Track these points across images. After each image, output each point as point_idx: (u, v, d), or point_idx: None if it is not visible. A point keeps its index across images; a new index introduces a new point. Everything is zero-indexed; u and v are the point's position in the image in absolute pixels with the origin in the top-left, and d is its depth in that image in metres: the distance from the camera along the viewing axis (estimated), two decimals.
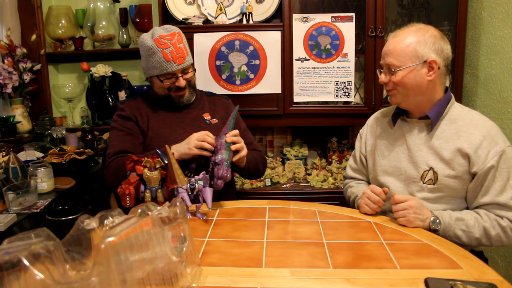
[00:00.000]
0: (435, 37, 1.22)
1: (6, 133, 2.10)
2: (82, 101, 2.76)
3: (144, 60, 1.56)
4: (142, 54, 1.56)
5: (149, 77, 1.61)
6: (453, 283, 0.82)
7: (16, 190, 1.45)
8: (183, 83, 1.54)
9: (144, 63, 1.58)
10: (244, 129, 1.69)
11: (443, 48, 1.23)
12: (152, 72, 1.54)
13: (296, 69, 2.07)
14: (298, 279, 0.88)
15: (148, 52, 1.51)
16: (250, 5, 2.06)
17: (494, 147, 1.18)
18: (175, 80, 1.54)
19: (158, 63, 1.50)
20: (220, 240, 1.07)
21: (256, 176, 1.67)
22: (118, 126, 1.57)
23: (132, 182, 1.20)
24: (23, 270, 0.59)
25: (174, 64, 1.49)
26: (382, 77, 1.30)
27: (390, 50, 1.25)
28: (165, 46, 1.48)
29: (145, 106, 1.62)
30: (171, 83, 1.54)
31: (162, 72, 1.51)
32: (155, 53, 1.49)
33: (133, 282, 0.66)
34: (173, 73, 1.52)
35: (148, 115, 1.59)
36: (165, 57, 1.48)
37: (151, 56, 1.51)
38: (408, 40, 1.22)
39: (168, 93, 1.57)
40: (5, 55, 2.23)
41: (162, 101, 1.61)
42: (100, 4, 2.55)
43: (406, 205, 1.16)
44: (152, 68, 1.53)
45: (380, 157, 1.39)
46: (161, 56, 1.48)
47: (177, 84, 1.54)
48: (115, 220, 0.82)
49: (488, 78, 1.92)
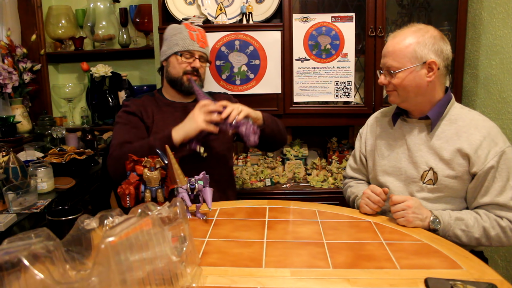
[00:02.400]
0: (434, 37, 1.22)
1: (6, 133, 2.10)
2: (82, 101, 2.77)
3: (167, 42, 1.63)
4: (167, 36, 1.64)
5: (165, 60, 1.65)
6: (453, 283, 0.82)
7: (16, 190, 1.45)
8: (198, 64, 1.61)
9: (165, 46, 1.64)
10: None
11: (443, 49, 1.22)
12: (173, 49, 1.60)
13: (296, 69, 2.07)
14: (298, 279, 0.88)
15: (175, 32, 1.61)
16: (250, 5, 2.06)
17: (494, 148, 1.18)
18: (192, 60, 1.60)
19: (182, 40, 1.59)
20: (220, 240, 1.07)
21: (279, 136, 1.62)
22: (123, 121, 1.58)
23: (132, 182, 1.20)
24: (23, 270, 0.59)
25: (197, 45, 1.60)
26: (381, 79, 1.30)
27: (390, 51, 1.25)
28: (193, 29, 1.63)
29: (150, 103, 1.64)
30: (188, 63, 1.60)
31: (184, 48, 1.59)
32: (181, 32, 1.60)
33: (133, 282, 0.66)
34: (192, 53, 1.60)
35: (153, 111, 1.61)
36: (190, 36, 1.60)
37: (176, 34, 1.60)
38: (407, 41, 1.22)
39: (181, 75, 1.61)
40: (5, 55, 2.23)
41: (172, 84, 1.63)
42: (100, 4, 2.55)
43: (404, 205, 1.16)
44: (174, 45, 1.60)
45: (380, 157, 1.39)
46: (187, 35, 1.60)
47: (193, 64, 1.60)
48: (115, 220, 0.82)
49: (488, 78, 1.92)
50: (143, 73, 2.74)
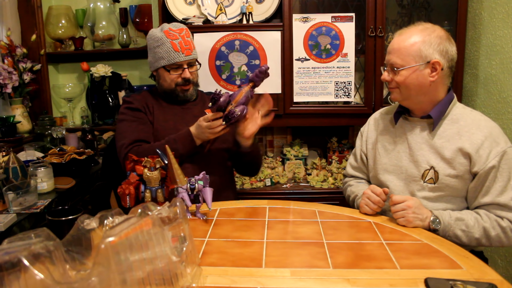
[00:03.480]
0: (441, 38, 1.21)
1: (6, 133, 2.10)
2: (82, 101, 2.76)
3: (152, 53, 1.59)
4: (150, 46, 1.60)
5: (155, 71, 1.62)
6: (453, 283, 0.82)
7: (16, 190, 1.45)
8: (188, 75, 1.58)
9: (151, 56, 1.61)
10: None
11: (448, 50, 1.22)
12: (160, 63, 1.56)
13: (296, 69, 2.07)
14: (298, 279, 0.88)
15: (157, 43, 1.55)
16: (250, 5, 2.06)
17: (495, 148, 1.18)
18: (182, 71, 1.57)
19: (166, 53, 1.54)
20: (220, 240, 1.07)
21: (255, 166, 1.67)
22: (128, 118, 1.57)
23: (132, 182, 1.20)
24: (23, 270, 0.59)
25: (182, 55, 1.54)
26: (384, 75, 1.29)
27: (395, 48, 1.25)
28: (174, 37, 1.54)
29: (150, 99, 1.64)
30: (178, 75, 1.57)
31: (170, 61, 1.54)
32: (163, 43, 1.54)
33: (133, 282, 0.66)
34: (180, 64, 1.56)
35: (153, 107, 1.62)
36: (173, 47, 1.53)
37: (159, 46, 1.55)
38: (413, 39, 1.22)
39: (173, 87, 1.59)
40: (5, 55, 2.23)
41: (167, 95, 1.63)
42: (100, 4, 2.55)
43: (404, 205, 1.16)
44: (160, 59, 1.56)
45: (381, 155, 1.39)
46: (170, 46, 1.53)
47: (183, 75, 1.57)
48: (115, 220, 0.82)
49: (488, 78, 1.92)
50: (143, 73, 2.74)
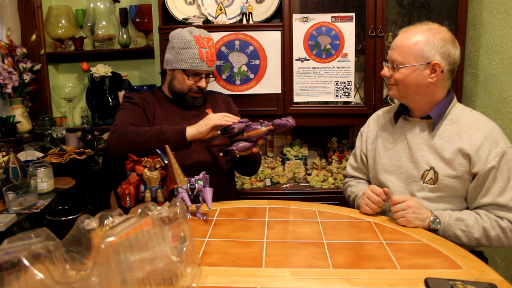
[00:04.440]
0: (445, 40, 1.21)
1: (6, 133, 2.10)
2: (82, 101, 2.77)
3: (174, 52, 1.58)
4: (174, 45, 1.58)
5: (171, 70, 1.61)
6: (453, 283, 0.82)
7: (16, 190, 1.45)
8: (204, 85, 1.60)
9: (172, 55, 1.59)
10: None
11: (451, 53, 1.21)
12: (180, 65, 1.56)
13: (296, 69, 2.07)
14: (298, 279, 0.88)
15: (184, 45, 1.55)
16: (250, 5, 2.06)
17: (495, 148, 1.18)
18: (199, 79, 1.58)
19: (191, 58, 1.54)
20: (220, 240, 1.07)
21: (254, 166, 1.67)
22: (128, 107, 1.58)
23: (132, 182, 1.20)
24: (23, 270, 0.59)
25: (205, 65, 1.56)
26: (384, 71, 1.29)
27: (398, 45, 1.24)
28: (203, 45, 1.55)
29: (151, 98, 1.64)
30: (194, 83, 1.58)
31: (192, 67, 1.55)
32: (191, 48, 1.54)
33: (133, 282, 0.66)
34: (200, 73, 1.57)
35: (154, 106, 1.62)
36: (200, 55, 1.54)
37: (185, 49, 1.54)
38: (416, 38, 1.21)
39: (186, 92, 1.60)
40: (5, 55, 2.23)
41: (175, 96, 1.63)
42: (100, 4, 2.55)
43: (404, 205, 1.16)
44: (182, 61, 1.55)
45: (380, 155, 1.39)
46: (197, 53, 1.54)
47: (199, 84, 1.58)
48: (115, 220, 0.82)
49: (488, 78, 1.92)
50: (143, 73, 2.74)
